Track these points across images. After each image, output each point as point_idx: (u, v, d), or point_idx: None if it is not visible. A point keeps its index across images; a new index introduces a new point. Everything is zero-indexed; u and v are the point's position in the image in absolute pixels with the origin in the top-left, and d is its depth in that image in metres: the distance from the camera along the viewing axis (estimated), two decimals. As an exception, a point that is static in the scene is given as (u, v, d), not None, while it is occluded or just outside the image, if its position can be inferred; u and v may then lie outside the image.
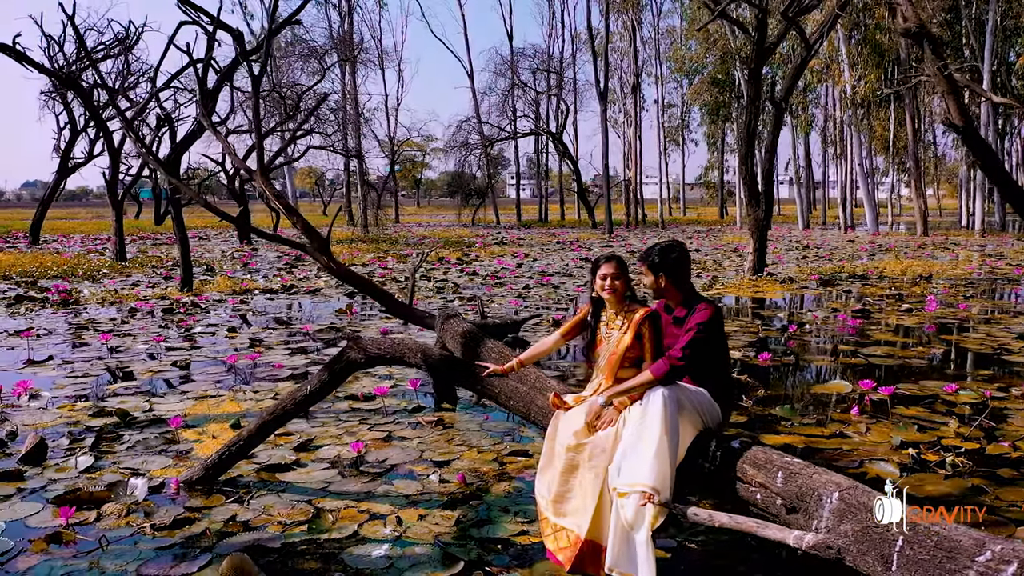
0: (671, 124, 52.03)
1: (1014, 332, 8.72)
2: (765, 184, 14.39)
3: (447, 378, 3.80)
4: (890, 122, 37.44)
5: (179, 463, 4.67)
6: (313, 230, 6.68)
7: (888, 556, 2.12)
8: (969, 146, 7.68)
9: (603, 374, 3.38)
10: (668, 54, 46.99)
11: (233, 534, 3.70)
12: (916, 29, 7.78)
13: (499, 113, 40.98)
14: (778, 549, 3.46)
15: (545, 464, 3.32)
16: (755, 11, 13.64)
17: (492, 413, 5.70)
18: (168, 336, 8.86)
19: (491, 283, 14.14)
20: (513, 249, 22.75)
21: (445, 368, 3.68)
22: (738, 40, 34.59)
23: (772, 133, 14.11)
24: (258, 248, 24.42)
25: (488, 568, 3.32)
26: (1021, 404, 5.73)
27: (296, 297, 12.70)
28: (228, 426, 5.36)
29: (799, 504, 2.46)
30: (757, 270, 14.36)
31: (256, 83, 7.21)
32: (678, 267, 3.15)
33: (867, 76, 29.39)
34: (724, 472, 2.83)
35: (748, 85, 14.07)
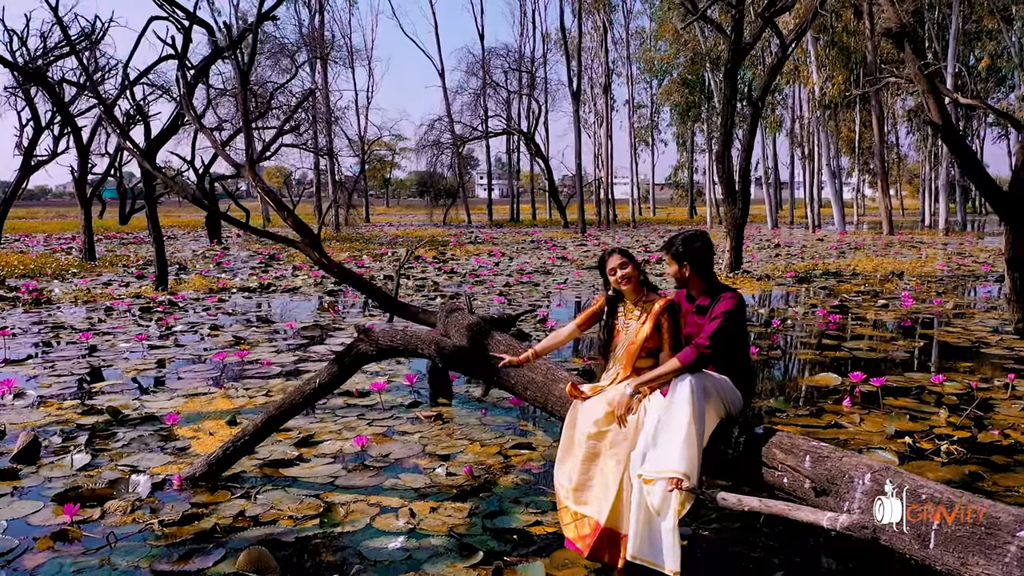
0: (641, 124, 52.41)
1: (988, 326, 8.94)
2: (742, 182, 14.58)
3: (461, 369, 3.79)
4: (855, 123, 38.13)
5: (179, 460, 4.60)
6: (305, 226, 6.62)
7: (926, 535, 2.17)
8: (948, 144, 7.86)
9: (620, 364, 3.41)
10: (638, 55, 47.35)
11: (244, 529, 3.66)
12: (897, 29, 7.95)
13: (471, 113, 40.95)
14: (793, 535, 3.52)
15: (564, 453, 3.33)
16: (731, 12, 13.81)
17: (490, 408, 5.71)
18: (149, 335, 8.71)
19: (471, 281, 14.12)
20: (488, 248, 22.75)
21: (460, 359, 3.68)
22: (708, 41, 35.01)
23: (749, 132, 14.30)
24: (230, 248, 24.11)
25: (507, 558, 3.33)
26: (1005, 394, 5.88)
27: (274, 295, 12.56)
28: (224, 423, 5.29)
29: (829, 487, 2.50)
30: (734, 267, 14.54)
31: (244, 76, 7.12)
32: (702, 256, 3.18)
33: (835, 78, 29.90)
34: (749, 458, 2.87)
35: (725, 84, 14.23)
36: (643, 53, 47.25)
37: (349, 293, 12.60)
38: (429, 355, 3.71)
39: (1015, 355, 7.36)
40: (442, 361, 3.69)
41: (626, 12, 44.39)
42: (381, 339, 3.88)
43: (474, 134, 39.08)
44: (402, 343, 3.81)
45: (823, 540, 3.54)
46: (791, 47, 13.77)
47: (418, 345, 3.74)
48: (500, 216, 47.98)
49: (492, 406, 5.77)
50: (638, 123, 52.29)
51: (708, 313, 3.10)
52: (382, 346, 3.85)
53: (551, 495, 4.02)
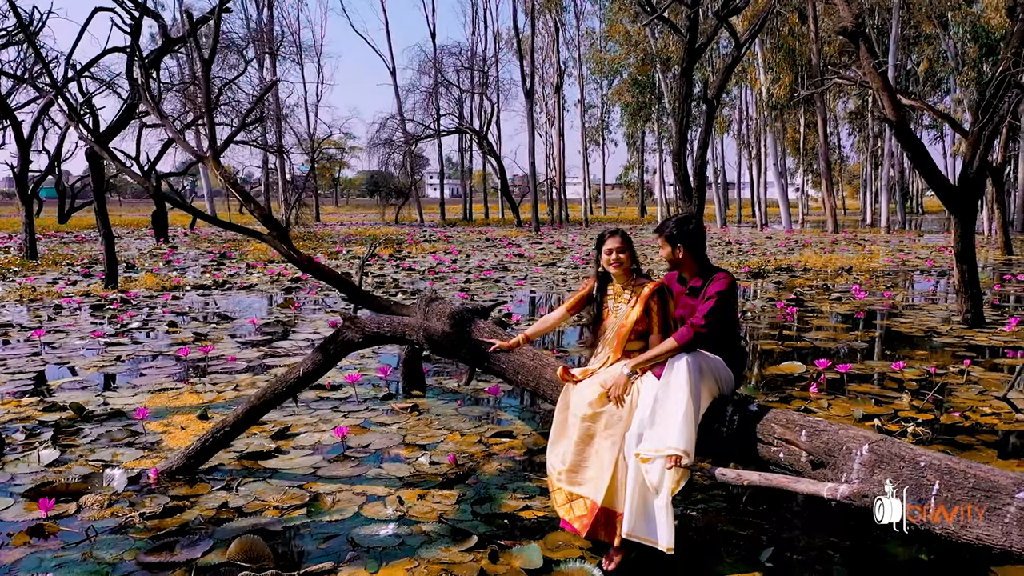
0: (591, 125, 52.80)
1: (937, 317, 9.26)
2: (697, 180, 14.77)
3: (449, 355, 3.77)
4: (800, 125, 39.05)
5: (152, 454, 4.49)
6: (273, 219, 6.49)
7: (926, 499, 2.24)
8: (901, 140, 8.11)
9: (611, 347, 3.44)
10: (588, 55, 47.68)
11: (229, 520, 3.59)
12: (853, 28, 8.18)
13: (423, 111, 40.74)
14: (777, 513, 3.61)
15: (557, 436, 3.35)
16: (687, 12, 14.00)
17: (465, 399, 5.71)
18: (105, 332, 8.45)
19: (430, 278, 14.06)
20: (444, 246, 22.66)
21: (448, 345, 3.66)
22: (658, 42, 35.49)
23: (705, 131, 14.46)
24: (178, 246, 23.53)
25: (500, 542, 3.33)
26: (961, 379, 6.10)
27: (230, 293, 12.31)
28: (195, 417, 5.18)
29: (827, 459, 2.57)
30: (690, 263, 14.74)
31: (207, 65, 6.96)
32: (694, 238, 3.23)
33: (781, 80, 30.58)
34: (743, 435, 2.93)
35: (680, 83, 14.41)
36: (593, 54, 47.62)
37: (307, 290, 12.44)
38: (417, 341, 3.69)
39: (965, 343, 7.65)
40: (430, 347, 3.66)
41: (577, 13, 44.67)
42: (368, 326, 3.84)
43: (427, 132, 38.87)
44: (389, 329, 3.78)
45: (806, 517, 3.64)
46: (745, 47, 14.01)
47: (406, 332, 3.71)
48: (452, 215, 47.86)
49: (467, 397, 5.77)
50: (589, 123, 52.69)
51: (701, 294, 3.15)
52: (369, 333, 3.81)
53: (537, 481, 4.05)
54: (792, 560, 3.16)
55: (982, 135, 7.86)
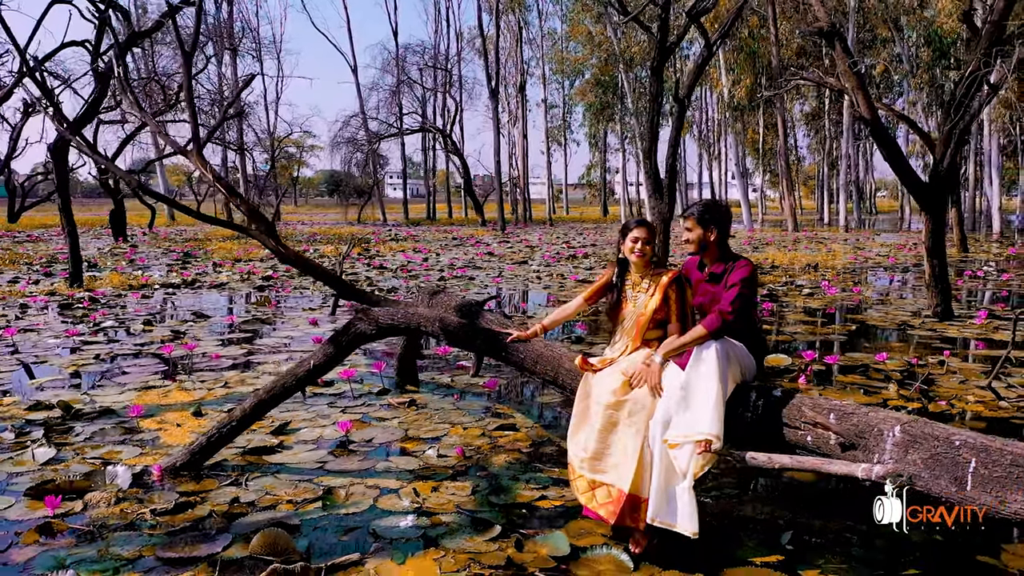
0: (553, 124, 53.04)
1: (907, 311, 9.52)
2: (669, 178, 14.95)
3: (465, 345, 3.76)
4: (759, 126, 39.73)
5: (152, 451, 4.40)
6: (259, 213, 6.40)
7: (962, 478, 2.32)
8: (876, 138, 8.32)
9: (629, 336, 3.48)
10: (550, 55, 47.88)
11: (243, 515, 3.54)
12: (828, 28, 8.37)
13: (387, 110, 40.47)
14: (790, 497, 3.69)
15: (577, 424, 3.37)
16: (658, 12, 14.15)
17: (461, 393, 5.70)
18: (80, 331, 8.24)
19: (403, 276, 13.99)
20: (411, 245, 22.56)
21: (464, 335, 3.65)
22: (621, 43, 35.76)
23: (676, 129, 14.64)
24: (138, 245, 23.02)
25: (523, 531, 3.35)
26: (941, 369, 6.28)
27: (201, 291, 12.10)
28: (190, 414, 5.09)
29: (858, 441, 2.64)
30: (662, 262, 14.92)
31: (188, 57, 6.82)
32: (725, 221, 3.28)
33: (742, 81, 31.08)
34: (768, 419, 2.98)
35: (651, 82, 14.56)
36: (555, 54, 47.83)
37: (277, 288, 12.29)
38: (433, 332, 3.68)
39: (939, 335, 7.87)
40: (447, 338, 3.65)
41: (540, 13, 44.82)
42: (382, 318, 3.81)
43: (390, 131, 38.63)
44: (403, 321, 3.75)
45: (816, 501, 3.72)
46: (716, 46, 14.23)
47: (421, 323, 3.69)
48: (415, 214, 47.60)
49: (462, 391, 5.77)
50: (551, 123, 52.95)
51: (723, 281, 3.20)
52: (382, 324, 3.79)
53: (547, 472, 4.08)
54: (811, 543, 3.23)
55: (952, 134, 8.10)
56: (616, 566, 3.04)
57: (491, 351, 3.62)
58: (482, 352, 3.69)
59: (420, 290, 5.52)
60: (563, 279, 13.49)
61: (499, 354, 3.60)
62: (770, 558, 3.08)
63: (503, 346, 3.55)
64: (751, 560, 3.06)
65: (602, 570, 3.01)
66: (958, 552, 3.17)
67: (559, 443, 4.57)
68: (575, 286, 12.45)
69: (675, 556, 3.09)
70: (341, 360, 4.12)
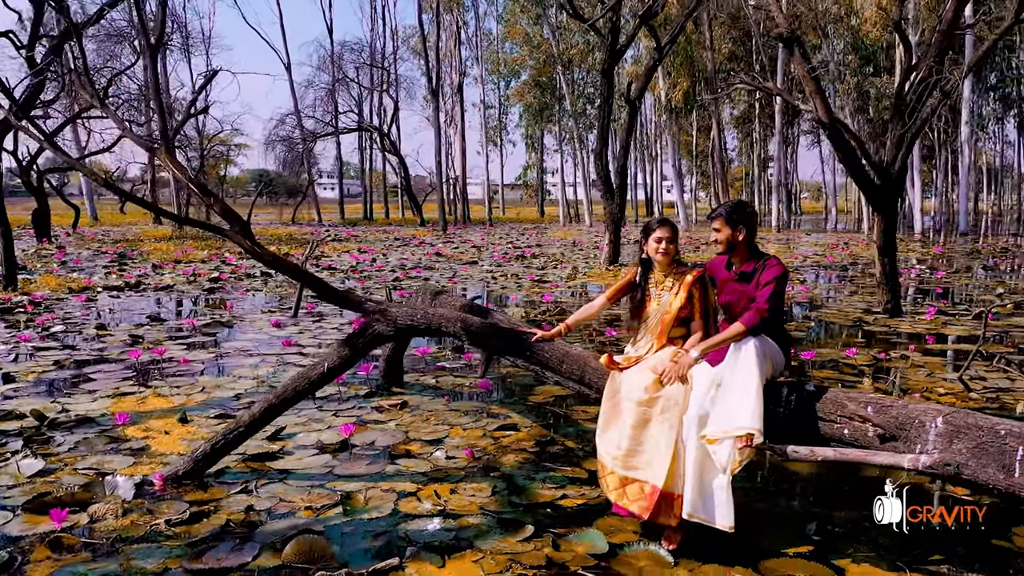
0: (490, 125, 53.08)
1: (858, 307, 9.89)
2: (620, 179, 15.18)
3: (488, 346, 3.72)
4: (693, 129, 40.66)
5: (148, 460, 4.23)
6: (234, 213, 6.20)
7: (1010, 465, 2.43)
8: (832, 140, 8.62)
9: (653, 334, 3.52)
10: (486, 56, 47.91)
11: (262, 523, 3.44)
12: (788, 34, 8.63)
13: (322, 108, 39.79)
14: (806, 491, 3.80)
15: (607, 422, 3.39)
16: (610, 16, 14.36)
17: (450, 394, 5.66)
18: (30, 336, 7.85)
19: (355, 277, 13.80)
20: (355, 245, 22.25)
21: (488, 336, 3.62)
22: (560, 45, 36.08)
23: (627, 130, 14.91)
24: (65, 246, 22.03)
25: (554, 531, 3.35)
26: (906, 363, 6.56)
27: (147, 294, 11.67)
28: (176, 420, 4.91)
29: (899, 432, 2.73)
30: (613, 260, 15.12)
31: (154, 50, 6.56)
32: (753, 221, 3.35)
33: (679, 84, 31.75)
34: (801, 414, 3.06)
35: (602, 84, 14.80)
36: (490, 55, 47.88)
37: (227, 289, 11.97)
38: (454, 333, 3.63)
39: (893, 331, 8.21)
40: (469, 338, 3.62)
41: (477, 14, 44.79)
42: (400, 318, 3.74)
43: (327, 130, 38.00)
44: (423, 321, 3.70)
45: (834, 493, 3.84)
46: (667, 48, 14.51)
47: (442, 323, 3.64)
48: (351, 215, 46.95)
49: (451, 392, 5.73)
50: (486, 123, 53.00)
51: (753, 280, 3.27)
52: (401, 326, 3.72)
53: (560, 470, 4.10)
54: (836, 533, 3.34)
55: (904, 138, 8.46)
56: (656, 561, 3.07)
57: (515, 351, 3.61)
58: (504, 352, 3.67)
59: (420, 291, 5.44)
60: (519, 279, 13.52)
61: (523, 354, 3.59)
62: (801, 549, 3.16)
63: (527, 346, 3.55)
64: (784, 552, 3.14)
65: (642, 566, 3.04)
66: (973, 538, 3.31)
67: (563, 442, 4.59)
68: (532, 286, 12.50)
69: (709, 550, 3.14)
70: (356, 362, 4.05)
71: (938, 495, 3.77)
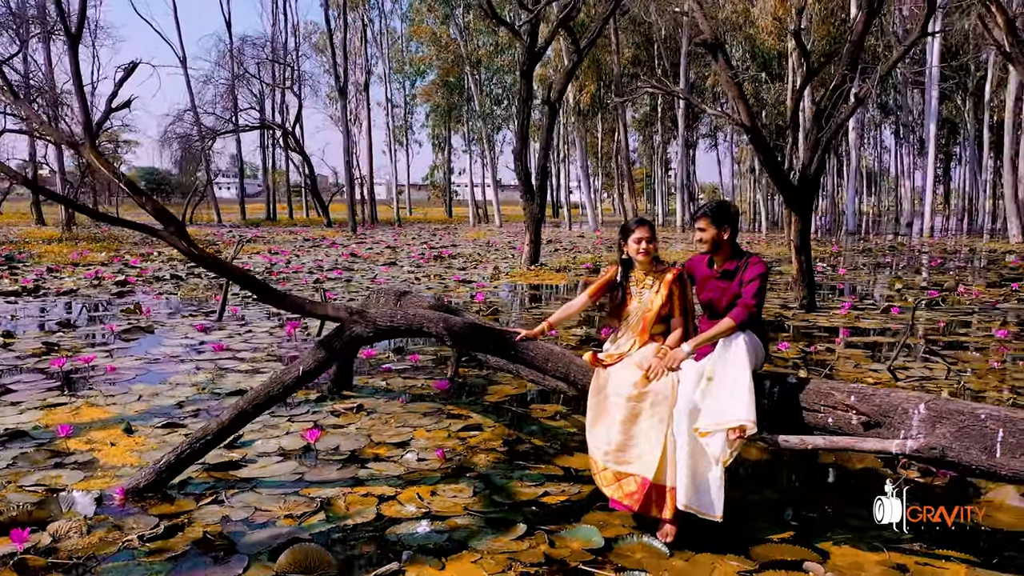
0: (395, 124, 52.55)
1: (776, 303, 10.35)
2: (540, 179, 15.32)
3: (471, 346, 3.68)
4: (599, 131, 41.48)
5: (100, 474, 3.99)
6: (168, 213, 5.89)
7: (991, 447, 2.61)
8: (754, 143, 8.99)
9: (635, 331, 3.59)
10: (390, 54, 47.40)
11: (242, 534, 3.31)
12: (712, 41, 8.94)
13: (223, 105, 38.37)
14: (777, 479, 3.96)
15: (595, 418, 3.43)
16: (528, 16, 14.48)
17: (404, 396, 5.58)
18: (-74, 345, 7.25)
19: (274, 279, 13.40)
20: (263, 247, 21.58)
21: (471, 336, 3.59)
22: (469, 45, 36.11)
23: (547, 132, 15.04)
24: (-58, 249, 20.41)
25: (544, 528, 3.37)
26: (833, 356, 6.91)
27: (47, 299, 10.97)
28: (121, 431, 4.66)
29: (883, 419, 2.89)
30: (533, 260, 15.25)
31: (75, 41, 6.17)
32: (736, 221, 3.45)
33: (587, 87, 32.32)
34: (784, 405, 3.19)
35: (521, 86, 14.92)
36: (394, 53, 47.42)
37: (137, 293, 11.41)
38: (436, 333, 3.58)
39: (812, 325, 8.64)
40: (452, 339, 3.58)
41: (382, 11, 44.25)
42: (380, 319, 3.66)
43: (227, 127, 36.67)
44: (404, 323, 3.62)
45: (803, 481, 4.01)
46: (586, 51, 14.74)
47: (423, 324, 3.58)
48: (253, 215, 45.48)
49: (403, 393, 5.65)
50: (392, 123, 52.46)
51: (736, 277, 3.38)
52: (381, 327, 3.64)
53: (534, 468, 4.12)
54: (811, 518, 3.50)
55: (820, 141, 8.92)
56: (652, 553, 3.14)
57: (499, 351, 3.60)
58: (489, 352, 3.66)
59: (379, 292, 5.34)
60: (443, 279, 13.45)
61: (508, 353, 3.59)
62: (784, 534, 3.30)
63: (511, 345, 3.55)
64: (768, 538, 3.26)
65: (639, 558, 3.10)
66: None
67: (530, 440, 4.62)
68: (457, 286, 12.47)
69: (698, 539, 3.23)
70: (332, 364, 3.94)
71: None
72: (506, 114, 40.04)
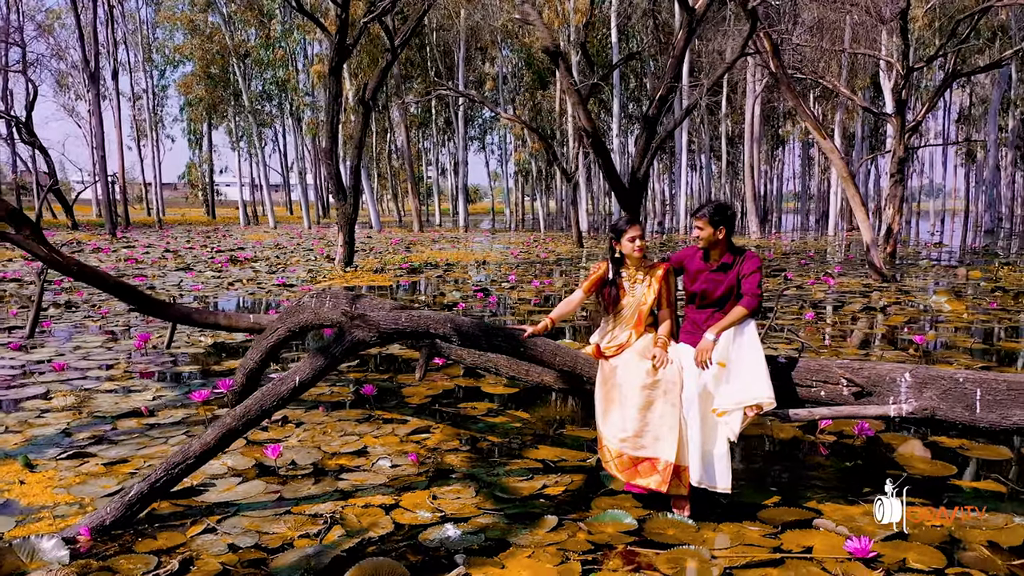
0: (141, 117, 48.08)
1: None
2: (354, 179, 14.96)
3: (478, 345, 3.56)
4: (372, 131, 41.09)
5: (32, 517, 3.42)
6: (22, 215, 5.09)
7: (971, 404, 3.13)
8: (593, 147, 9.58)
9: (630, 324, 3.78)
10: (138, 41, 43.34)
11: (263, 561, 3.04)
12: (553, 48, 9.37)
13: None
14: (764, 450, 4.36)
15: (606, 408, 3.58)
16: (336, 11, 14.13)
17: (324, 405, 5.33)
18: None
19: (57, 289, 11.87)
20: (12, 253, 18.87)
21: (478, 335, 3.51)
22: (236, 37, 34.12)
23: (360, 131, 14.72)
24: None
25: (568, 517, 3.46)
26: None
27: None
28: (19, 465, 4.00)
29: (873, 389, 3.34)
30: (348, 262, 14.90)
31: None
32: (731, 221, 3.73)
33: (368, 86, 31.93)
34: (777, 382, 3.55)
35: (330, 82, 14.50)
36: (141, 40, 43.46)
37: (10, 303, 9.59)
38: (444, 335, 3.47)
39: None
40: (460, 339, 3.48)
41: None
42: (383, 323, 3.46)
43: (-58, 114, 31.35)
44: (410, 326, 3.46)
45: (761, 453, 4.44)
46: (401, 49, 14.62)
47: (430, 326, 3.45)
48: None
49: (318, 403, 5.39)
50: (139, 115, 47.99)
51: (734, 270, 3.68)
52: (385, 331, 3.45)
53: (514, 463, 4.18)
54: (786, 481, 3.92)
55: (648, 146, 9.72)
56: (682, 528, 3.36)
57: (510, 349, 3.59)
58: (498, 350, 3.62)
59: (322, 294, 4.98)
60: (260, 285, 12.71)
61: (517, 351, 3.59)
62: (773, 499, 3.67)
63: (520, 343, 3.57)
64: (764, 504, 3.62)
65: (673, 533, 3.31)
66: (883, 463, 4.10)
67: (486, 438, 4.64)
68: (281, 291, 11.88)
69: (709, 512, 3.51)
70: (330, 372, 3.68)
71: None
72: (278, 111, 38.33)
